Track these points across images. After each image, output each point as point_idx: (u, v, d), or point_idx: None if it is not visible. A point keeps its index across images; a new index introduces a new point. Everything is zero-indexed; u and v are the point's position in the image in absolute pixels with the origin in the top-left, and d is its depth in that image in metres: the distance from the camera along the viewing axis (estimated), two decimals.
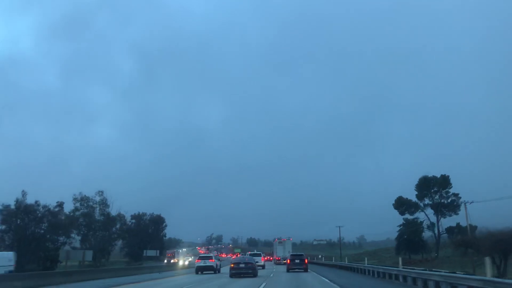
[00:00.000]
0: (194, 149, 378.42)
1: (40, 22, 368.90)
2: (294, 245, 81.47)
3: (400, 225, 75.01)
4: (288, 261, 40.87)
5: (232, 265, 32.41)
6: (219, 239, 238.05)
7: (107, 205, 61.60)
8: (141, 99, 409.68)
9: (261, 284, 24.02)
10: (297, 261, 39.10)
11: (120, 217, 62.72)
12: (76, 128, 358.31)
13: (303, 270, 38.57)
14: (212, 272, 38.75)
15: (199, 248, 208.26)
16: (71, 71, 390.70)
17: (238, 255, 75.02)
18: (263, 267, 47.60)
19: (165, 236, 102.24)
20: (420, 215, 71.36)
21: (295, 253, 43.88)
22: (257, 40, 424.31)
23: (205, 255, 50.71)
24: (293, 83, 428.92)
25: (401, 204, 70.89)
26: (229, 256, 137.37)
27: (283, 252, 64.67)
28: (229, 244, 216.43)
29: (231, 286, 23.43)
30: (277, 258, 67.07)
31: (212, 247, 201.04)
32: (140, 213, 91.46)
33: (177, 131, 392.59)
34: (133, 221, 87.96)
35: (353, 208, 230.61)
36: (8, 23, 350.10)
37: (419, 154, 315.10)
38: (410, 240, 72.08)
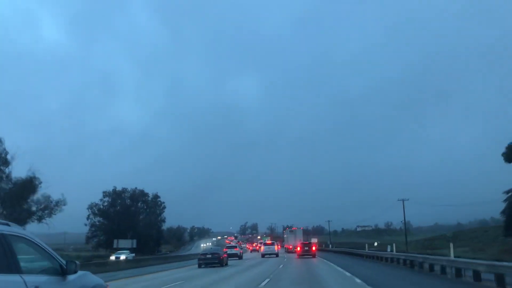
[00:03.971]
0: (228, 129, 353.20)
1: None
2: (335, 233, 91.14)
3: (508, 191, 45.84)
4: (299, 249, 46.88)
5: (200, 255, 33.86)
6: (254, 227, 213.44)
7: (6, 162, 37.18)
8: (167, 69, 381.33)
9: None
10: (306, 248, 45.97)
11: (32, 181, 37.88)
12: (95, 103, 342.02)
13: (311, 256, 44.01)
14: (237, 258, 45.32)
15: (231, 238, 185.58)
16: (83, 31, 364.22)
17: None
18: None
19: (163, 221, 76.83)
20: None
21: (304, 241, 52.40)
22: None
23: (231, 245, 56.70)
24: (338, 40, 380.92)
25: None
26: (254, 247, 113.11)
27: (294, 240, 64.51)
28: (264, 233, 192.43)
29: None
30: (288, 247, 65.89)
31: (242, 236, 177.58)
32: (118, 189, 65.28)
33: (209, 107, 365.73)
34: (106, 199, 63.45)
35: (401, 190, 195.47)
36: None
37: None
38: None
